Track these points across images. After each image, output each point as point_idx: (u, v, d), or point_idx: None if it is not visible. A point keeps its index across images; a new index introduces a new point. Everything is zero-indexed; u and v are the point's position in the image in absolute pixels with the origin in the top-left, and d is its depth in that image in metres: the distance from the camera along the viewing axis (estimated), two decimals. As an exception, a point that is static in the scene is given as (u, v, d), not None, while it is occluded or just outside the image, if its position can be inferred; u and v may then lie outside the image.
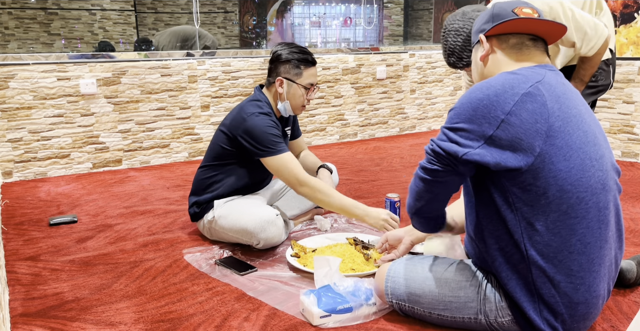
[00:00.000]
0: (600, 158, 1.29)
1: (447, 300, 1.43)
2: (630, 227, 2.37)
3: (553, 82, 1.30)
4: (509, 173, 1.24)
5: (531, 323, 1.32)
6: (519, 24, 1.35)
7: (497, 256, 1.33)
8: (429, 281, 1.46)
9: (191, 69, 3.78)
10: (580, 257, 1.27)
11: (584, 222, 1.26)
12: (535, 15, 1.36)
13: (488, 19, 1.40)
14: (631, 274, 1.72)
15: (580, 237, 1.26)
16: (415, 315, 1.52)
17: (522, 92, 1.25)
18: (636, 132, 3.67)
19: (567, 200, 1.24)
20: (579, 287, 1.28)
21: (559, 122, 1.24)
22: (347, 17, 7.57)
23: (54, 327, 1.58)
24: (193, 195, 2.23)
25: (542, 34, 1.39)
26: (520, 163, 1.23)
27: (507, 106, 1.23)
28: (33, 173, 3.36)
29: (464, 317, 1.42)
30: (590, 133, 1.29)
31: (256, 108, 2.10)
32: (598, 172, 1.27)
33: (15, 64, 3.24)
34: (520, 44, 1.37)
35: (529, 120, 1.23)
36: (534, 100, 1.24)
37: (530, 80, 1.28)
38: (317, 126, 4.41)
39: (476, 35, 1.44)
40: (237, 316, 1.62)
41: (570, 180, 1.23)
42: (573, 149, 1.24)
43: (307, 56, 2.13)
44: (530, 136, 1.22)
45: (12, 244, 2.25)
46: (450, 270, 1.47)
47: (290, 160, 2.05)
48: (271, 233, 2.02)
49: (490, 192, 1.30)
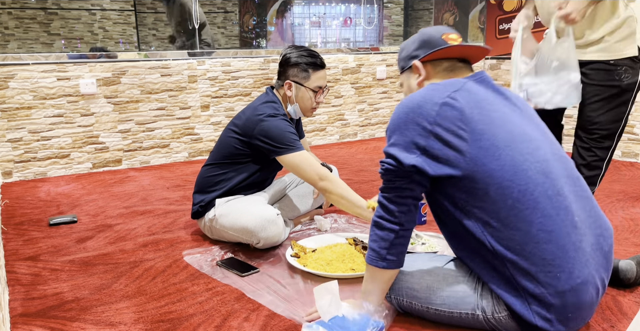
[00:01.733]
0: (535, 151, 1.34)
1: (444, 294, 1.44)
2: (630, 226, 2.37)
3: (473, 89, 1.39)
4: (450, 181, 1.33)
5: (523, 318, 1.33)
6: (450, 51, 1.46)
7: (472, 258, 1.39)
8: (427, 276, 1.48)
9: (191, 69, 3.78)
10: (548, 246, 1.29)
11: (537, 211, 1.30)
12: (459, 40, 1.49)
13: (418, 45, 1.50)
14: (631, 274, 1.72)
15: (540, 227, 1.29)
16: (413, 311, 1.52)
17: (441, 102, 1.34)
18: (636, 132, 3.67)
19: (510, 194, 1.30)
20: (559, 275, 1.30)
21: (480, 125, 1.32)
22: (347, 17, 7.57)
23: (53, 327, 1.58)
24: (198, 193, 2.23)
25: (468, 57, 1.51)
26: (455, 170, 1.31)
27: (430, 117, 1.33)
28: (33, 173, 3.36)
29: (461, 312, 1.43)
30: (517, 132, 1.35)
31: (272, 110, 2.12)
32: (535, 164, 1.32)
33: (15, 64, 3.24)
34: (452, 66, 1.49)
35: (452, 128, 1.31)
36: (453, 108, 1.33)
37: (448, 89, 1.37)
38: (317, 126, 4.41)
39: (407, 61, 1.53)
40: (237, 317, 1.62)
41: (507, 176, 1.30)
42: (501, 148, 1.31)
43: (315, 59, 2.15)
44: (456, 142, 1.31)
45: (12, 244, 2.25)
46: (448, 266, 1.49)
47: (309, 156, 2.08)
48: (271, 233, 2.02)
49: (441, 202, 1.39)
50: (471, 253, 1.39)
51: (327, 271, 1.84)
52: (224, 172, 2.18)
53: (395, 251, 1.40)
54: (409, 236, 1.41)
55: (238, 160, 2.18)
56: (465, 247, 1.41)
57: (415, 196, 1.37)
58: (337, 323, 1.40)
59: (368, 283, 1.47)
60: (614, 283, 1.74)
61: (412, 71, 1.52)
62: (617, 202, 2.74)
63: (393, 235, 1.38)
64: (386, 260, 1.40)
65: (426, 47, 1.48)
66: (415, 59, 1.50)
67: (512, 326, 1.38)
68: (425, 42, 1.48)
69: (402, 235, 1.39)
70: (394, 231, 1.38)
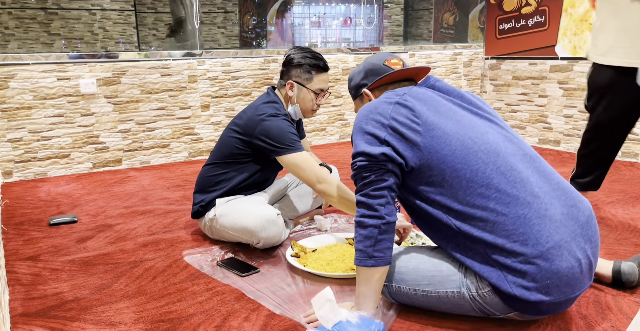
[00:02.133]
0: (483, 135, 1.45)
1: (430, 274, 1.49)
2: (630, 226, 2.37)
3: (420, 92, 1.52)
4: (410, 174, 1.44)
5: (501, 289, 1.36)
6: (394, 76, 1.61)
7: (447, 242, 1.46)
8: (414, 259, 1.55)
9: (191, 69, 3.78)
10: (508, 217, 1.36)
11: (491, 187, 1.38)
12: (400, 63, 1.64)
13: (364, 75, 1.65)
14: (634, 277, 1.71)
15: (497, 201, 1.37)
16: (403, 296, 1.56)
17: (394, 101, 1.48)
18: (636, 132, 3.67)
19: (464, 175, 1.39)
20: (527, 242, 1.34)
21: (430, 117, 1.44)
22: (347, 17, 7.57)
23: (54, 327, 1.58)
24: (199, 193, 2.23)
25: (412, 77, 1.66)
26: (415, 160, 1.42)
27: (387, 114, 1.45)
28: (33, 173, 3.36)
29: (447, 291, 1.47)
30: (464, 120, 1.47)
31: (274, 110, 2.11)
32: (484, 146, 1.42)
33: (15, 64, 3.24)
34: (399, 86, 1.62)
35: (406, 122, 1.43)
36: (404, 105, 1.46)
37: (398, 93, 1.52)
38: (317, 126, 4.41)
39: (357, 90, 1.68)
40: (237, 316, 1.62)
41: (458, 159, 1.40)
42: (450, 135, 1.42)
43: (319, 62, 2.16)
44: (411, 134, 1.42)
45: (12, 244, 2.25)
46: (434, 250, 1.57)
47: (308, 157, 2.08)
48: (272, 233, 2.02)
49: (408, 197, 1.49)
50: (445, 239, 1.46)
51: (327, 271, 1.84)
52: (224, 172, 2.18)
53: (381, 247, 1.43)
54: (392, 231, 1.44)
55: (239, 160, 2.17)
56: (439, 235, 1.48)
57: (390, 186, 1.42)
58: (340, 328, 1.40)
59: (361, 286, 1.48)
60: (617, 285, 1.74)
61: (363, 98, 1.67)
62: (617, 202, 2.74)
63: (377, 231, 1.42)
64: (373, 258, 1.43)
65: (371, 75, 1.63)
66: (364, 87, 1.65)
67: (497, 302, 1.41)
68: (369, 71, 1.64)
69: (385, 230, 1.42)
70: (377, 226, 1.41)
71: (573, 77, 4.03)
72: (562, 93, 4.12)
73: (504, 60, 4.56)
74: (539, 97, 4.29)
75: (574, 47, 4.01)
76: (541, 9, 4.21)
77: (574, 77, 4.03)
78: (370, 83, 1.63)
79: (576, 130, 4.04)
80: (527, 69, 4.36)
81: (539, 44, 4.27)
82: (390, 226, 1.43)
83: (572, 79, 4.04)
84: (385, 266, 1.45)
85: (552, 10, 4.14)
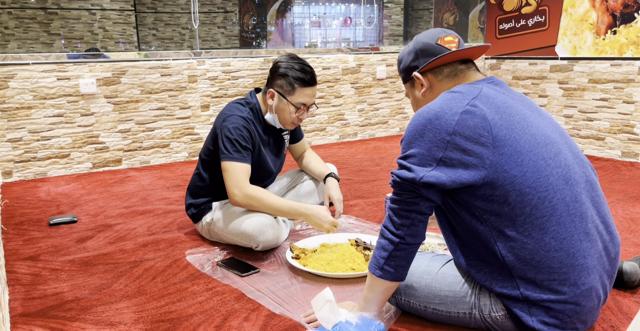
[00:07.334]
0: (556, 155, 1.32)
1: (443, 294, 1.44)
2: (630, 226, 2.37)
3: (491, 93, 1.34)
4: (468, 189, 1.29)
5: (521, 320, 1.33)
6: (448, 57, 1.42)
7: (479, 268, 1.37)
8: (426, 275, 1.48)
9: (191, 69, 3.78)
10: (558, 254, 1.28)
11: (552, 219, 1.27)
12: (456, 40, 1.43)
13: (415, 56, 1.46)
14: (635, 277, 1.71)
15: (553, 234, 1.28)
16: (411, 310, 1.53)
17: (461, 110, 1.29)
18: (636, 132, 3.67)
19: (529, 202, 1.27)
20: (564, 282, 1.29)
21: (502, 131, 1.28)
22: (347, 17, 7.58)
23: (53, 327, 1.58)
24: (189, 196, 2.24)
25: (469, 57, 1.46)
26: (475, 178, 1.27)
27: (450, 127, 1.28)
28: (33, 173, 3.36)
29: (459, 312, 1.43)
30: (539, 135, 1.32)
31: (236, 111, 2.08)
32: (556, 169, 1.30)
33: (15, 64, 3.24)
34: (454, 70, 1.44)
35: (473, 136, 1.27)
36: (474, 116, 1.28)
37: (467, 97, 1.32)
38: (317, 126, 4.41)
39: (407, 73, 1.49)
40: (237, 316, 1.62)
41: (527, 183, 1.26)
42: (523, 154, 1.27)
43: (305, 75, 2.05)
44: (477, 151, 1.26)
45: (12, 244, 2.25)
46: (447, 266, 1.49)
47: (240, 169, 2.00)
48: (270, 236, 2.01)
49: (457, 210, 1.35)
50: (479, 263, 1.37)
51: (327, 271, 1.84)
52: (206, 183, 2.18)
53: (394, 263, 1.37)
54: (411, 251, 1.36)
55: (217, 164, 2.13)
56: (474, 257, 1.38)
57: (421, 211, 1.33)
58: (340, 329, 1.39)
59: (367, 290, 1.45)
60: (617, 285, 1.74)
61: (414, 82, 1.50)
62: (617, 202, 2.74)
63: (392, 247, 1.36)
64: (382, 270, 1.38)
65: (423, 57, 1.44)
66: (415, 69, 1.46)
67: (509, 325, 1.38)
68: (421, 51, 1.44)
69: (402, 248, 1.35)
70: (394, 243, 1.35)
71: (573, 77, 4.03)
72: (562, 93, 4.12)
73: (504, 60, 4.56)
74: (539, 97, 4.29)
75: (574, 47, 4.01)
76: (541, 9, 4.22)
77: (574, 77, 4.03)
78: (422, 66, 1.44)
79: (576, 130, 4.04)
80: (527, 69, 4.36)
81: (539, 44, 4.27)
82: (409, 247, 1.35)
83: (572, 79, 4.04)
84: (393, 282, 1.40)
85: (552, 10, 4.14)
